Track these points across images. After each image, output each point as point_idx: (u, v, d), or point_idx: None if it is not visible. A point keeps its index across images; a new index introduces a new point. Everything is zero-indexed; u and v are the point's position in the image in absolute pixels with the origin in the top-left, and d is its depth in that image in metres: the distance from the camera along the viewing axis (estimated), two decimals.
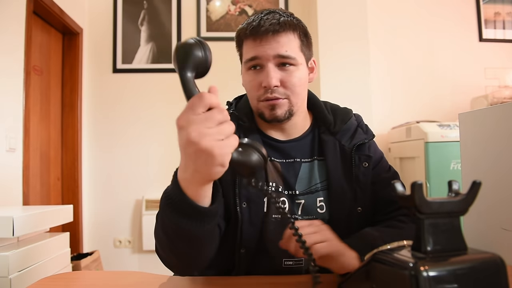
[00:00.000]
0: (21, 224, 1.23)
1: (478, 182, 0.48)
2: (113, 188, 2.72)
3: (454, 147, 2.12)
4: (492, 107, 0.97)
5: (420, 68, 2.87)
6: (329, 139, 0.88)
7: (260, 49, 0.80)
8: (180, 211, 0.58)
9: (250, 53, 0.82)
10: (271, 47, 0.80)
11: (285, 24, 0.81)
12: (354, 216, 0.83)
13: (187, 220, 0.59)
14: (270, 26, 0.79)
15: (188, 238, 0.62)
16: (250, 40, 0.82)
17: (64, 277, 0.84)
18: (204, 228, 0.61)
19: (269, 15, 0.82)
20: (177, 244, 0.65)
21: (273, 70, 0.80)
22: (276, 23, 0.80)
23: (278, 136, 0.89)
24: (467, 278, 0.44)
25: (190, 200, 0.57)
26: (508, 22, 2.97)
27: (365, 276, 0.53)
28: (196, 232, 0.61)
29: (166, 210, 0.60)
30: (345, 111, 0.93)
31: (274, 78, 0.80)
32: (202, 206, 0.59)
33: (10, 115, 1.88)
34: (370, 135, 0.90)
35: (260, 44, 0.80)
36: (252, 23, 0.81)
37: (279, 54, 0.80)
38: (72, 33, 2.61)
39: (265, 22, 0.80)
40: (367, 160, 0.85)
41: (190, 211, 0.58)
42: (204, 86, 0.60)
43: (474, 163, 1.02)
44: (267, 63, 0.81)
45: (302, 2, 2.86)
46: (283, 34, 0.80)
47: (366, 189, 0.84)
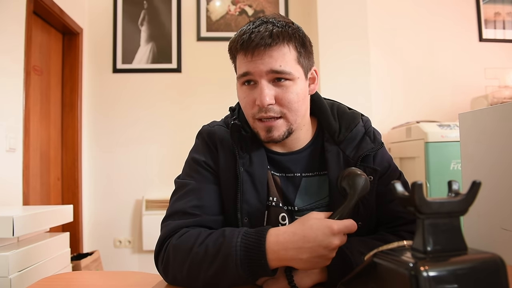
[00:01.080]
0: (21, 224, 1.23)
1: (478, 182, 0.48)
2: (113, 188, 2.72)
3: (454, 147, 2.12)
4: (492, 107, 0.97)
5: (420, 68, 2.87)
6: (333, 149, 0.82)
7: (251, 64, 0.75)
8: (254, 272, 0.65)
9: (242, 68, 0.77)
10: (263, 62, 0.74)
11: (278, 36, 0.74)
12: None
13: (253, 277, 0.66)
14: (261, 40, 0.73)
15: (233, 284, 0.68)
16: (241, 54, 0.76)
17: (64, 277, 0.84)
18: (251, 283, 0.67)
19: (261, 27, 0.75)
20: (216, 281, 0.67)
21: (266, 87, 0.74)
22: (267, 36, 0.73)
23: (278, 148, 0.85)
24: (467, 278, 0.44)
25: (270, 270, 0.64)
26: (508, 22, 2.97)
27: (365, 276, 0.53)
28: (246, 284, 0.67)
29: (241, 266, 0.64)
30: (352, 116, 0.86)
31: (267, 96, 0.74)
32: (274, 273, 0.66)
33: (10, 115, 1.88)
34: (378, 144, 0.83)
35: (251, 59, 0.74)
36: (243, 36, 0.75)
37: (272, 69, 0.74)
38: (72, 33, 2.61)
39: (256, 35, 0.73)
40: (373, 173, 0.79)
41: (264, 274, 0.66)
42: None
43: (474, 163, 1.02)
44: (260, 79, 0.75)
45: (302, 2, 2.86)
46: (275, 47, 0.74)
47: (369, 204, 0.80)
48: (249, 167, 0.81)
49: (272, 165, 0.84)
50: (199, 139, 0.88)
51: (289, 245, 0.63)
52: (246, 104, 0.79)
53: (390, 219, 0.82)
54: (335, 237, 0.62)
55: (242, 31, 0.77)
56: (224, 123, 0.89)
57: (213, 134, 0.85)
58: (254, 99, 0.76)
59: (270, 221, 0.80)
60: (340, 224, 0.63)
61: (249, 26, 0.77)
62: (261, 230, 0.66)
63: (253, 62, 0.74)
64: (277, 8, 2.87)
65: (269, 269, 0.63)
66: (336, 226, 0.63)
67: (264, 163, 0.82)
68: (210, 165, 0.83)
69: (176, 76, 2.79)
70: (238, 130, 0.82)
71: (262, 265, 0.63)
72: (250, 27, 0.76)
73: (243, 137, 0.82)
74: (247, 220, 0.78)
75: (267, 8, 2.87)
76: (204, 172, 0.82)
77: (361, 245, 0.73)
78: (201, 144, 0.86)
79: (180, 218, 0.76)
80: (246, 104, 0.79)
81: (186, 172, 0.84)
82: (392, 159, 0.89)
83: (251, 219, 0.78)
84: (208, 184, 0.81)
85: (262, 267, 0.63)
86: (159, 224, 0.79)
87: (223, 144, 0.83)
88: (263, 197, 0.80)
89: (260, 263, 0.63)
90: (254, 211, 0.78)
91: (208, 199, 0.79)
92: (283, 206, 0.81)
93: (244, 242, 0.65)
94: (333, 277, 0.69)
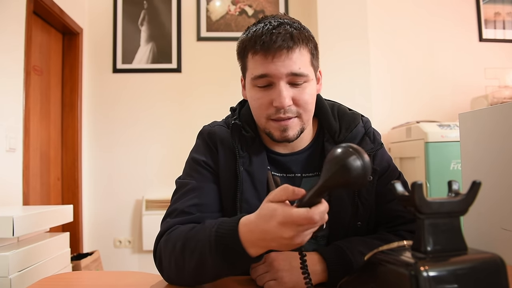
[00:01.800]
0: (21, 224, 1.23)
1: (478, 182, 0.48)
2: (113, 188, 2.72)
3: (454, 147, 2.12)
4: (492, 107, 0.97)
5: (420, 68, 2.87)
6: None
7: (271, 66, 0.74)
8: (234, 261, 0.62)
9: (259, 69, 0.75)
10: (284, 65, 0.73)
11: (299, 39, 0.74)
12: (352, 231, 0.80)
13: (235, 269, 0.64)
14: (284, 42, 0.72)
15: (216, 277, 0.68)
16: (260, 55, 0.74)
17: (64, 277, 0.84)
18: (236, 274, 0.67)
19: (280, 28, 0.74)
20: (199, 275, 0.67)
21: (285, 89, 0.74)
22: (289, 38, 0.73)
23: (280, 149, 0.86)
24: (467, 278, 0.44)
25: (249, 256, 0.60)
26: (508, 22, 2.97)
27: (365, 276, 0.53)
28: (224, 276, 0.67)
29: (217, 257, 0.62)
30: (352, 117, 0.87)
31: (287, 97, 0.74)
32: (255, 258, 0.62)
33: (10, 115, 1.88)
34: (378, 144, 0.84)
35: (272, 61, 0.73)
36: (262, 36, 0.73)
37: (292, 72, 0.74)
38: (72, 33, 2.61)
39: (277, 37, 0.72)
40: (372, 173, 0.80)
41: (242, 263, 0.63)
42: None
43: (474, 163, 1.02)
44: (279, 82, 0.74)
45: (302, 2, 2.86)
46: (296, 50, 0.74)
47: (368, 204, 0.80)
48: (249, 167, 0.81)
49: (272, 165, 0.84)
50: (199, 139, 0.89)
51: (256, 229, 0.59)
52: (260, 105, 0.78)
53: (389, 219, 0.82)
54: (286, 229, 0.55)
55: (259, 31, 0.75)
56: (225, 123, 0.89)
57: (214, 134, 0.86)
58: (270, 100, 0.76)
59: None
60: (287, 217, 0.54)
61: (266, 26, 0.75)
62: (236, 217, 0.65)
63: (273, 63, 0.74)
64: (277, 8, 2.87)
65: (245, 252, 0.60)
66: (283, 218, 0.55)
67: (264, 163, 0.83)
68: (210, 165, 0.83)
69: (176, 76, 2.79)
70: (238, 130, 0.82)
71: (236, 250, 0.60)
72: (268, 27, 0.74)
73: (244, 137, 0.83)
74: None
75: (267, 8, 2.87)
76: (204, 172, 0.82)
77: (361, 245, 0.74)
78: (202, 144, 0.87)
79: (177, 217, 0.77)
80: (261, 104, 0.78)
81: (186, 172, 0.85)
82: (392, 159, 0.89)
83: None
84: (208, 183, 0.81)
85: (237, 252, 0.60)
86: (159, 224, 0.79)
87: (223, 144, 0.84)
88: (263, 197, 0.79)
89: (233, 248, 0.60)
90: (253, 211, 0.78)
91: (208, 198, 0.80)
92: None
93: (218, 229, 0.63)
94: (334, 277, 0.69)
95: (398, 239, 0.75)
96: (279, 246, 0.58)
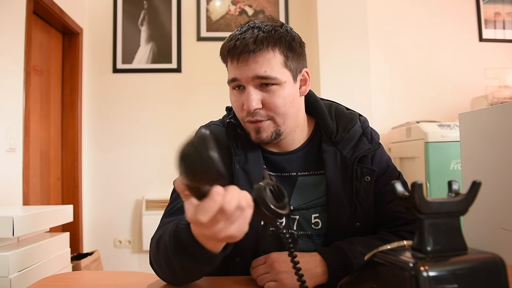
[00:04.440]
0: (21, 224, 1.23)
1: (478, 182, 0.48)
2: (113, 188, 2.72)
3: (454, 147, 2.12)
4: (492, 107, 0.97)
5: (420, 68, 2.87)
6: (330, 150, 0.83)
7: (238, 70, 0.76)
8: (194, 258, 0.59)
9: (230, 73, 0.79)
10: (249, 69, 0.75)
11: (263, 42, 0.74)
12: (351, 232, 0.80)
13: (200, 265, 0.60)
14: (245, 47, 0.74)
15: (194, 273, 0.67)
16: (229, 60, 0.78)
17: (64, 277, 0.84)
18: (210, 268, 0.62)
19: (247, 33, 0.75)
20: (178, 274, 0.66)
21: (253, 92, 0.76)
22: (252, 42, 0.74)
23: (274, 148, 0.86)
24: (467, 278, 0.44)
25: (208, 251, 0.57)
26: (508, 22, 2.97)
27: (365, 276, 0.53)
28: (205, 271, 0.64)
29: (177, 255, 0.60)
30: (349, 116, 0.87)
31: (253, 101, 0.75)
32: (217, 254, 0.59)
33: (10, 115, 1.88)
34: (375, 144, 0.84)
35: (237, 66, 0.76)
36: (230, 42, 0.77)
37: (257, 75, 0.75)
38: (72, 33, 2.61)
39: (241, 42, 0.74)
40: (370, 174, 0.80)
41: (205, 258, 0.58)
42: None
43: (474, 163, 1.02)
44: (247, 85, 0.76)
45: (302, 2, 2.86)
46: (259, 53, 0.74)
47: (366, 205, 0.80)
48: (245, 165, 0.82)
49: (267, 165, 0.85)
50: None
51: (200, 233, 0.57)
52: (236, 107, 0.81)
53: (390, 220, 0.82)
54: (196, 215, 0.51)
55: (230, 37, 0.79)
56: (221, 122, 0.90)
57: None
58: (243, 103, 0.78)
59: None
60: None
61: (236, 32, 0.78)
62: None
63: (239, 68, 0.76)
64: (277, 8, 2.87)
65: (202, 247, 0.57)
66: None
67: (260, 161, 0.83)
68: None
69: (176, 76, 2.79)
70: (233, 129, 0.84)
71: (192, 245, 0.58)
72: (237, 33, 0.78)
73: (239, 136, 0.84)
74: None
75: (267, 8, 2.87)
76: None
77: (362, 245, 0.74)
78: None
79: (171, 216, 0.79)
80: (236, 107, 0.81)
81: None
82: (391, 159, 0.89)
83: None
84: None
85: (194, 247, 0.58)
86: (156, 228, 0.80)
87: (219, 142, 0.85)
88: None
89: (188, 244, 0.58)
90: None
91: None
92: None
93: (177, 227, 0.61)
94: (334, 277, 0.69)
95: (399, 239, 0.75)
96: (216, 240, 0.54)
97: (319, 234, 0.82)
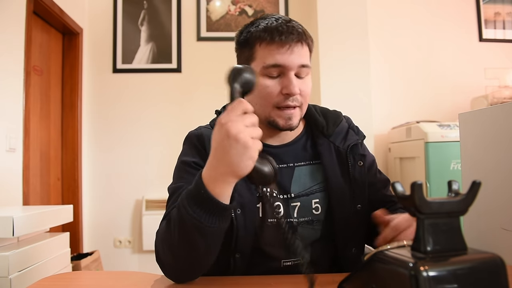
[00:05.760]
0: (21, 224, 1.23)
1: (478, 182, 0.48)
2: (113, 188, 2.72)
3: (454, 147, 2.12)
4: (492, 107, 0.97)
5: (420, 68, 2.87)
6: (324, 142, 0.90)
7: (286, 57, 0.79)
8: (203, 207, 0.63)
9: (273, 59, 0.79)
10: (297, 56, 0.80)
11: (306, 36, 0.82)
12: (354, 214, 0.85)
13: (208, 216, 0.63)
14: (299, 36, 0.80)
15: (203, 234, 0.65)
16: (276, 45, 0.79)
17: (64, 277, 0.84)
18: (220, 227, 0.65)
19: (293, 23, 0.81)
20: (187, 242, 0.66)
21: (295, 79, 0.80)
22: (301, 32, 0.80)
23: (271, 141, 0.89)
24: (467, 278, 0.44)
25: (213, 197, 0.62)
26: (508, 22, 2.97)
27: (365, 276, 0.53)
28: (212, 230, 0.64)
29: (189, 206, 0.64)
30: (335, 114, 0.95)
31: (297, 86, 0.80)
32: (224, 203, 0.63)
33: (10, 115, 1.88)
34: (362, 136, 0.93)
35: (287, 52, 0.79)
36: (279, 28, 0.79)
37: (302, 64, 0.80)
38: (72, 33, 2.61)
39: (293, 29, 0.79)
40: (362, 159, 0.88)
41: (213, 207, 0.63)
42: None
43: (474, 163, 1.02)
44: (289, 72, 0.80)
45: (302, 2, 2.86)
46: (305, 44, 0.81)
47: (363, 187, 0.87)
48: None
49: None
50: (186, 144, 0.90)
51: (213, 162, 0.64)
52: (269, 93, 0.81)
53: (384, 204, 0.88)
54: (221, 121, 0.61)
55: (273, 24, 0.80)
56: (210, 125, 0.92)
57: (201, 135, 0.88)
58: (279, 88, 0.81)
59: (265, 211, 0.82)
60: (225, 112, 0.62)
61: (279, 21, 0.81)
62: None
63: (287, 54, 0.79)
64: (277, 8, 2.87)
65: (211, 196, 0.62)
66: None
67: None
68: (200, 164, 0.84)
69: (176, 76, 2.79)
70: None
71: (205, 195, 0.62)
72: (281, 21, 0.80)
73: None
74: (239, 211, 0.79)
75: (267, 8, 2.87)
76: (195, 172, 0.83)
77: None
78: (189, 147, 0.88)
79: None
80: (270, 93, 0.81)
81: (177, 176, 0.86)
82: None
83: (244, 210, 0.80)
84: None
85: (207, 197, 0.62)
86: (159, 224, 0.79)
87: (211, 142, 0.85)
88: (253, 188, 0.82)
89: (201, 194, 0.62)
90: (246, 203, 0.81)
91: None
92: (278, 195, 0.85)
93: (187, 191, 0.66)
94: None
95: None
96: (232, 159, 0.60)
97: (319, 220, 0.85)
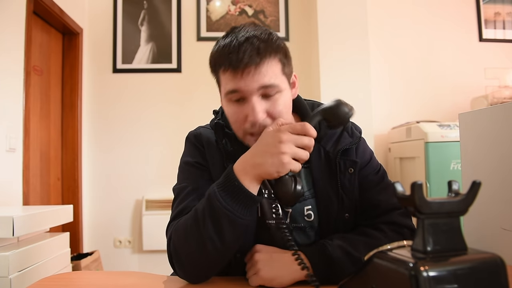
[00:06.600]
0: (21, 224, 1.23)
1: (478, 182, 0.48)
2: (113, 188, 2.72)
3: (454, 147, 2.12)
4: (492, 107, 0.97)
5: (420, 68, 2.87)
6: (314, 148, 0.85)
7: (241, 83, 0.73)
8: (235, 197, 0.67)
9: (230, 85, 0.75)
10: (253, 80, 0.73)
11: (265, 52, 0.73)
12: (342, 222, 0.82)
13: (240, 207, 0.67)
14: (251, 59, 0.72)
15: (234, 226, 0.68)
16: (230, 72, 0.74)
17: (64, 277, 0.84)
18: (247, 220, 0.68)
19: (247, 43, 0.73)
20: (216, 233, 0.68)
21: (258, 103, 0.74)
22: (255, 54, 0.72)
23: None
24: (467, 278, 0.44)
25: (245, 188, 0.67)
26: (508, 22, 2.97)
27: (365, 276, 0.53)
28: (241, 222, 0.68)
29: (222, 198, 0.67)
30: None
31: (260, 112, 0.74)
32: (255, 194, 0.67)
33: (10, 115, 1.88)
34: (356, 137, 0.87)
35: (241, 78, 0.73)
36: (230, 54, 0.73)
37: (262, 85, 0.73)
38: (72, 33, 2.61)
39: (244, 53, 0.72)
40: (353, 165, 0.83)
41: (245, 198, 0.67)
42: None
43: (474, 163, 1.02)
44: (251, 96, 0.74)
45: (302, 2, 2.86)
46: (265, 63, 0.73)
47: (352, 196, 0.82)
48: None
49: None
50: (187, 144, 0.91)
51: (248, 157, 0.70)
52: (236, 120, 0.78)
53: (366, 208, 0.84)
54: (280, 133, 0.68)
55: (227, 49, 0.75)
56: (209, 125, 0.92)
57: (199, 135, 0.88)
58: (244, 115, 0.76)
59: (264, 211, 0.82)
60: (285, 124, 0.70)
61: (233, 43, 0.74)
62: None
63: (242, 80, 0.73)
64: (277, 8, 2.87)
65: (243, 187, 0.67)
66: (281, 124, 0.70)
67: None
68: (202, 163, 0.85)
69: (176, 76, 2.79)
70: (222, 128, 0.85)
71: (238, 186, 0.67)
72: (235, 44, 0.74)
73: (228, 135, 0.84)
74: None
75: (267, 8, 2.87)
76: (198, 172, 0.84)
77: (341, 239, 0.77)
78: (190, 147, 0.89)
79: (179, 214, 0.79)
80: (236, 120, 0.78)
81: (181, 177, 0.87)
82: (373, 153, 0.92)
83: None
84: (204, 182, 0.82)
85: (239, 188, 0.67)
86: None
87: (209, 142, 0.86)
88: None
89: (235, 186, 0.67)
90: None
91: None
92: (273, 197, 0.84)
93: (217, 183, 0.70)
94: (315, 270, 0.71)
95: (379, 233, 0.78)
96: (266, 162, 0.67)
97: (312, 226, 0.83)
